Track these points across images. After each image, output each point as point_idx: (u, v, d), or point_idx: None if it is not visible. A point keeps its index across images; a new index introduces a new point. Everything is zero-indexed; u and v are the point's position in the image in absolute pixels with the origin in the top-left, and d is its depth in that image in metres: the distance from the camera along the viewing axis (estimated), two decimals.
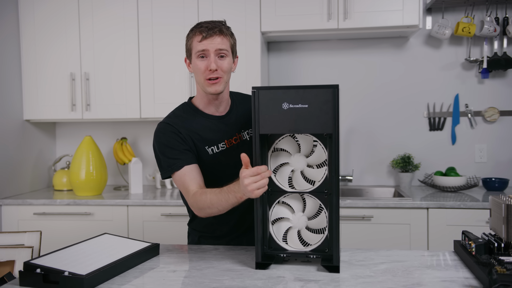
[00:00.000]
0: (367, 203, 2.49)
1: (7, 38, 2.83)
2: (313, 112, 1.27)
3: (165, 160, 1.55)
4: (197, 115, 1.62)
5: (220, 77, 1.53)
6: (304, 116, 1.27)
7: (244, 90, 1.88)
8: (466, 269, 1.31)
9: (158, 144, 1.58)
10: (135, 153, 3.24)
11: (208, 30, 1.51)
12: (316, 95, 1.26)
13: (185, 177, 1.51)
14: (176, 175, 1.53)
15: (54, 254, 1.34)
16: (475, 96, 2.97)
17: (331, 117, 1.26)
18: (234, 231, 1.69)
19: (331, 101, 1.25)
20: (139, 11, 2.83)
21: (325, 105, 1.26)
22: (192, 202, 1.48)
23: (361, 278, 1.24)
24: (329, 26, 2.69)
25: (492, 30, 2.80)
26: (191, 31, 1.56)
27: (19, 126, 2.94)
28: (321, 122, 1.27)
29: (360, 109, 3.06)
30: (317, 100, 1.26)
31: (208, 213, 1.45)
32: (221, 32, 1.52)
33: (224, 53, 1.53)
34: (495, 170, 2.95)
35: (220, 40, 1.52)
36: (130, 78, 2.87)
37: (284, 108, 1.28)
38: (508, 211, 1.25)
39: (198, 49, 1.52)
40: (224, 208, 1.41)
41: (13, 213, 2.72)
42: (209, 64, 1.51)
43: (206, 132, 1.59)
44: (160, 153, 1.57)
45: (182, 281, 1.26)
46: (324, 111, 1.26)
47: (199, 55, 1.53)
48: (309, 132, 1.29)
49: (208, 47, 1.51)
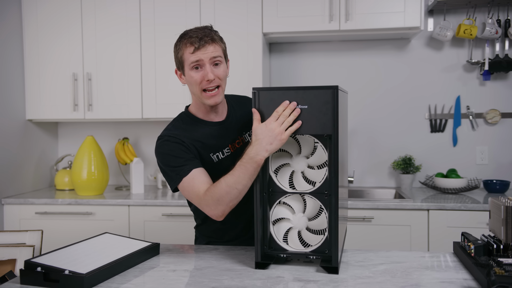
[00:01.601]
0: (368, 204, 2.49)
1: (10, 38, 2.85)
2: (313, 113, 1.27)
3: (172, 170, 1.48)
4: (197, 124, 1.59)
5: (219, 85, 1.51)
6: (304, 116, 1.28)
7: (245, 90, 1.88)
8: (465, 270, 1.31)
9: (162, 156, 1.51)
10: (137, 153, 3.25)
11: (200, 40, 1.46)
12: (316, 96, 1.27)
13: (194, 181, 1.44)
14: (185, 182, 1.45)
15: (55, 253, 1.35)
16: (476, 98, 2.97)
17: (331, 118, 1.26)
18: (242, 235, 1.67)
19: (331, 102, 1.26)
20: (141, 11, 2.84)
21: (325, 106, 1.26)
22: (207, 199, 1.40)
23: (360, 279, 1.25)
24: (331, 28, 2.70)
25: (494, 32, 2.80)
26: (180, 41, 1.51)
27: (22, 125, 2.95)
28: (321, 123, 1.27)
29: (361, 110, 3.07)
30: (317, 101, 1.27)
31: (227, 202, 1.37)
32: (213, 40, 1.49)
33: (218, 60, 1.50)
34: (496, 172, 2.95)
35: (212, 48, 1.48)
36: (132, 79, 2.88)
37: None
38: (507, 213, 1.25)
39: (192, 60, 1.47)
40: (243, 186, 1.34)
41: (15, 212, 2.74)
42: (205, 74, 1.47)
43: (209, 140, 1.56)
44: (165, 165, 1.51)
45: (181, 280, 1.26)
46: (323, 112, 1.27)
47: (193, 66, 1.49)
48: (309, 133, 1.30)
49: (202, 57, 1.47)
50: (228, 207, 1.39)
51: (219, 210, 1.40)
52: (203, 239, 1.73)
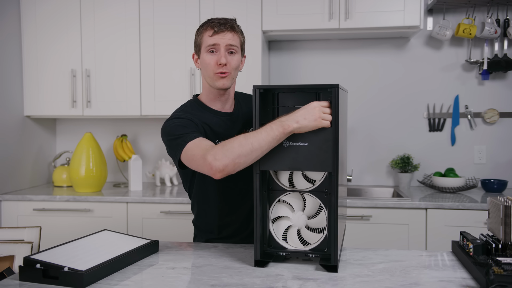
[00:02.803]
0: (366, 203, 2.49)
1: (8, 34, 2.84)
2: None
3: (177, 137, 1.44)
4: (205, 111, 1.61)
5: (229, 72, 1.54)
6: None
7: (244, 87, 1.89)
8: (463, 269, 1.31)
9: (169, 128, 1.49)
10: (135, 150, 3.24)
11: (220, 25, 1.52)
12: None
13: (200, 142, 1.39)
14: (190, 145, 1.39)
15: (54, 249, 1.34)
16: (475, 97, 2.97)
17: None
18: (242, 231, 1.69)
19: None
20: (140, 10, 2.84)
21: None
22: (214, 149, 1.31)
23: (359, 277, 1.25)
24: (330, 26, 2.69)
25: (493, 32, 2.80)
26: (202, 26, 1.57)
27: (20, 122, 2.94)
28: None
29: (360, 109, 3.07)
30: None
31: (235, 155, 1.27)
32: (233, 29, 1.54)
33: (234, 49, 1.54)
34: (494, 171, 2.96)
35: (231, 36, 1.53)
36: (131, 76, 2.87)
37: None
38: (506, 213, 1.25)
39: (209, 43, 1.52)
40: (260, 146, 1.25)
41: (13, 208, 2.73)
42: (219, 58, 1.51)
43: (216, 127, 1.59)
44: (171, 135, 1.47)
45: (181, 278, 1.27)
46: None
47: (209, 49, 1.53)
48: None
49: (219, 41, 1.52)
50: (232, 163, 1.28)
51: (222, 162, 1.28)
52: (202, 236, 1.73)
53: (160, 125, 1.67)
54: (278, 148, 1.29)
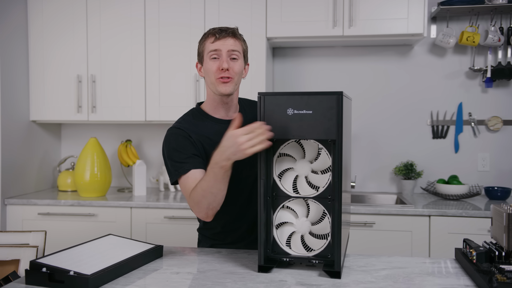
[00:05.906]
0: (369, 209, 2.50)
1: (15, 39, 2.86)
2: (317, 118, 1.28)
3: (172, 165, 1.55)
4: (207, 120, 1.63)
5: (231, 77, 1.55)
6: (309, 121, 1.29)
7: (248, 94, 1.90)
8: (466, 276, 1.32)
9: (168, 149, 1.58)
10: (140, 156, 3.26)
11: (221, 32, 1.55)
12: (320, 101, 1.28)
13: (188, 180, 1.50)
14: (182, 179, 1.52)
15: (60, 253, 1.35)
16: (478, 105, 2.98)
17: (335, 124, 1.27)
18: (246, 236, 1.69)
19: (335, 107, 1.27)
20: (146, 11, 2.86)
21: (329, 111, 1.27)
22: (190, 201, 1.48)
23: (362, 284, 1.25)
24: (334, 33, 2.71)
25: (497, 40, 2.81)
26: (204, 35, 1.60)
27: (25, 126, 2.96)
28: (325, 128, 1.28)
29: (363, 115, 3.08)
30: (322, 106, 1.28)
31: (206, 206, 1.43)
32: (234, 35, 1.56)
33: (236, 55, 1.56)
34: (497, 179, 2.96)
35: (232, 41, 1.55)
36: (135, 81, 2.89)
37: (289, 113, 1.30)
38: (509, 220, 1.26)
39: (211, 49, 1.54)
40: (218, 189, 1.39)
41: (18, 212, 2.75)
42: (221, 64, 1.53)
43: (217, 137, 1.56)
44: (168, 158, 1.57)
45: (185, 283, 1.27)
46: (328, 117, 1.28)
47: (211, 56, 1.55)
48: (313, 137, 1.31)
49: (221, 47, 1.54)
50: (210, 210, 1.44)
51: (202, 213, 1.46)
52: (207, 241, 1.74)
53: (164, 130, 1.68)
54: (283, 116, 1.30)
